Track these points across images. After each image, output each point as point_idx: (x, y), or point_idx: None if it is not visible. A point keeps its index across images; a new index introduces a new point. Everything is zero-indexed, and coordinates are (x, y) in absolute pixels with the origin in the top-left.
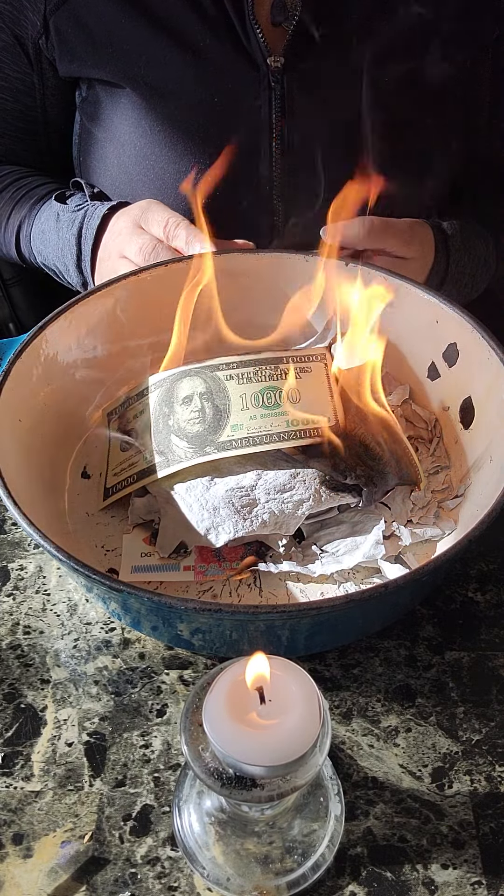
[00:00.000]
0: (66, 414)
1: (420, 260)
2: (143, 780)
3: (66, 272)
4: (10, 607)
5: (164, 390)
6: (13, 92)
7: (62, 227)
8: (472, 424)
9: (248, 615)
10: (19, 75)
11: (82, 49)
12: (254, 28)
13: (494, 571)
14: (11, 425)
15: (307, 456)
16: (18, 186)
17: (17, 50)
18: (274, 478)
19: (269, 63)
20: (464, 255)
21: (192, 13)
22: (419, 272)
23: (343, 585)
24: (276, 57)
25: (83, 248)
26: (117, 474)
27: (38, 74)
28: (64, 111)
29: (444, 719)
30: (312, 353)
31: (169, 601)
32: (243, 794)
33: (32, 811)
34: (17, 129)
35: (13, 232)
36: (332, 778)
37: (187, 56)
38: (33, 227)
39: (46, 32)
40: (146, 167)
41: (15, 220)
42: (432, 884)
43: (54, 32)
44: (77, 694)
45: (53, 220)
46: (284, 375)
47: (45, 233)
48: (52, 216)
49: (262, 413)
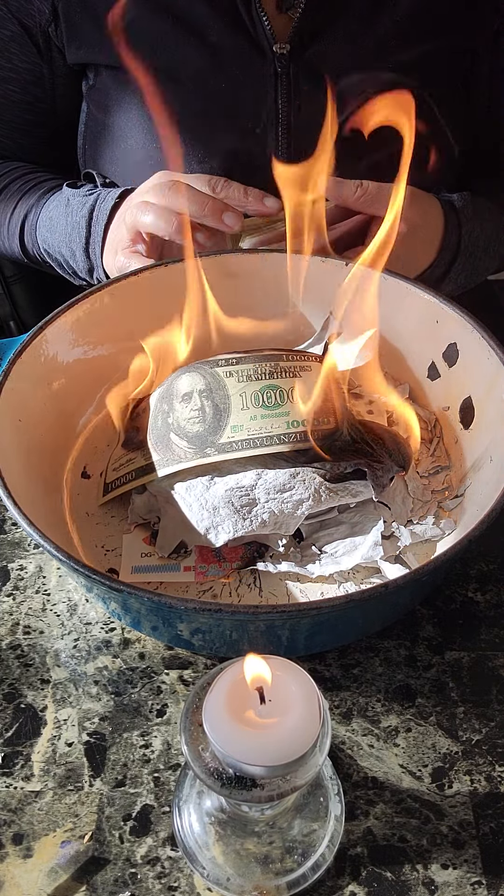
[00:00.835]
0: (66, 414)
1: (425, 229)
2: (143, 780)
3: (73, 258)
4: (10, 607)
5: (164, 387)
6: (22, 83)
7: (72, 210)
8: (472, 424)
9: (248, 615)
10: (28, 66)
11: (91, 34)
12: (259, 15)
13: (494, 571)
14: (11, 425)
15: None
16: (26, 180)
17: (24, 40)
18: (274, 477)
19: (275, 50)
20: (476, 225)
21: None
22: (428, 245)
23: (343, 585)
24: (281, 44)
25: (93, 230)
26: (116, 469)
27: (47, 64)
28: (72, 101)
29: (444, 719)
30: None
31: (169, 601)
32: (243, 794)
33: (32, 811)
34: (26, 121)
35: (17, 223)
36: (332, 778)
37: (194, 42)
38: (40, 215)
39: (55, 19)
40: (153, 152)
41: (21, 211)
42: (432, 884)
43: (63, 19)
44: (77, 694)
45: (63, 205)
46: (285, 374)
47: (53, 219)
48: (62, 202)
49: (262, 413)
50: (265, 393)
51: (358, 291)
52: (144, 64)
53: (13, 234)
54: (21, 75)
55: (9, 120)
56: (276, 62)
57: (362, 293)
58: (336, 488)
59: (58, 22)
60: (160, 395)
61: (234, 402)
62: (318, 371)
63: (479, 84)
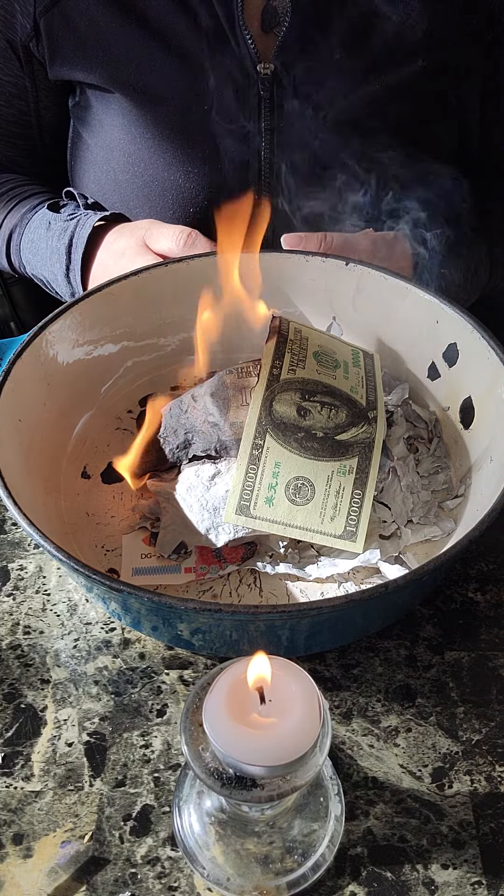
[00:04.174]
0: (66, 414)
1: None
2: (143, 780)
3: (55, 282)
4: (10, 607)
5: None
6: (7, 96)
7: (53, 235)
8: (472, 424)
9: (248, 615)
10: (11, 79)
11: (72, 52)
12: (244, 34)
13: (494, 571)
14: (11, 425)
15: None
16: (11, 196)
17: (8, 53)
18: None
19: (259, 70)
20: (450, 264)
21: (182, 19)
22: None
23: (343, 585)
24: (266, 64)
25: (73, 257)
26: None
27: (29, 78)
28: (58, 115)
29: (444, 719)
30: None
31: (169, 601)
32: (243, 794)
33: (32, 811)
34: (12, 133)
35: (3, 240)
36: (332, 778)
37: (177, 61)
38: (23, 237)
39: (37, 35)
40: (136, 173)
41: (6, 228)
42: (432, 884)
43: (45, 35)
44: (77, 694)
45: (44, 228)
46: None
47: (35, 241)
48: (42, 224)
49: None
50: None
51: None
52: (127, 83)
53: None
54: (5, 88)
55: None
56: (259, 83)
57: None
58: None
59: (39, 38)
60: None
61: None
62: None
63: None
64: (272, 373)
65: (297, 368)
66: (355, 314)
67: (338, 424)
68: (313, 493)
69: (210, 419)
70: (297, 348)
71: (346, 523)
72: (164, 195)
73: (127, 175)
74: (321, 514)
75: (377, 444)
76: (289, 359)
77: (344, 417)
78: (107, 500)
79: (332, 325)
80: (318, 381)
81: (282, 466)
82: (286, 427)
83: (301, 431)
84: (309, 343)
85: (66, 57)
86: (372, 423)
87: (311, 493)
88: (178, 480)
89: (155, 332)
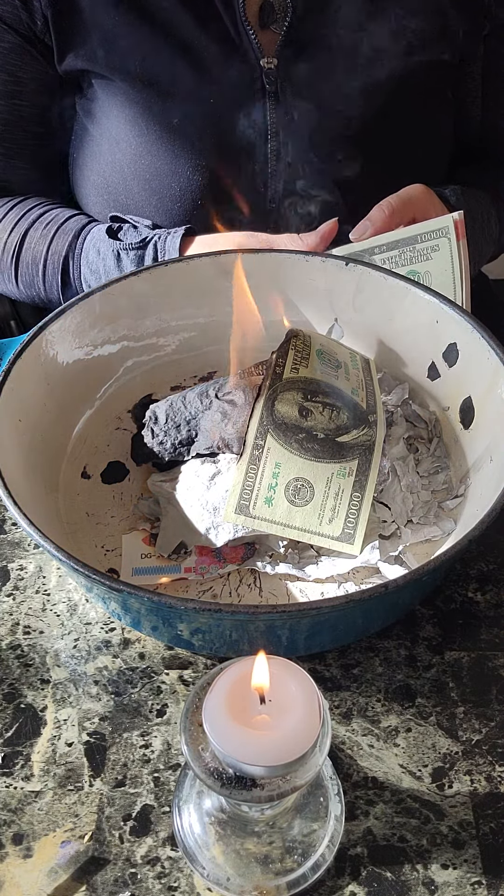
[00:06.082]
0: (66, 414)
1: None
2: (143, 780)
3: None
4: (10, 607)
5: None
6: (29, 94)
7: (124, 267)
8: (472, 424)
9: (248, 615)
10: (33, 74)
11: (79, 44)
12: (246, 29)
13: (494, 571)
14: (11, 425)
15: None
16: (47, 221)
17: (26, 48)
18: None
19: (263, 64)
20: (467, 218)
21: (187, 12)
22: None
23: (343, 585)
24: (269, 58)
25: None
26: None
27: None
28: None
29: (444, 719)
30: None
31: (169, 601)
32: (243, 794)
33: (32, 811)
34: (36, 134)
35: (55, 272)
36: (332, 778)
37: (182, 54)
38: (82, 269)
39: (46, 27)
40: (141, 165)
41: (54, 260)
42: (432, 884)
43: (53, 27)
44: (77, 694)
45: (112, 258)
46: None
47: (101, 275)
48: (108, 254)
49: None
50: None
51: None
52: (132, 74)
53: (51, 286)
54: (27, 86)
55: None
56: (263, 76)
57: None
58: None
59: (48, 29)
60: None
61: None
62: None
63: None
64: (275, 371)
65: (300, 367)
66: (355, 314)
67: (339, 426)
68: (312, 494)
69: (214, 417)
70: (301, 345)
71: (344, 525)
72: (171, 186)
73: (133, 167)
74: (320, 515)
75: (377, 448)
76: (292, 356)
77: (345, 419)
78: (107, 500)
79: (333, 328)
80: (321, 381)
81: (282, 467)
82: (287, 428)
83: (302, 432)
84: (312, 341)
85: (73, 47)
86: (372, 427)
87: (311, 495)
88: (178, 480)
89: (155, 332)
